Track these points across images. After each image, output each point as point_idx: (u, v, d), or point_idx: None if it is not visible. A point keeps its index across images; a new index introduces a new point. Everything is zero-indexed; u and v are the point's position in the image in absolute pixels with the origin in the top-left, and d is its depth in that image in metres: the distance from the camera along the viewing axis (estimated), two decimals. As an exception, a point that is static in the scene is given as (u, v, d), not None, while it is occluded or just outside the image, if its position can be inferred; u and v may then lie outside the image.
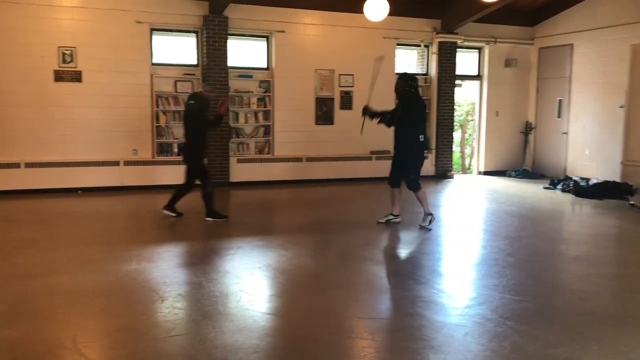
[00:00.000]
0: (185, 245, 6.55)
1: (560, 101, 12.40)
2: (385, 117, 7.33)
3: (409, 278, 5.28)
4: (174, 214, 7.75)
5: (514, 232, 7.25)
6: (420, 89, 7.42)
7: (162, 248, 6.29)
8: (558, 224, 8.41)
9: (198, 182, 7.71)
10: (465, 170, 15.16)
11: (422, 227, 7.24)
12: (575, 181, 10.45)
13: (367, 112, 7.45)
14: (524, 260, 5.95)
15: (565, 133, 12.27)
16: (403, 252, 6.39)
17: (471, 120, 15.58)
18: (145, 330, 3.92)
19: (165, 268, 5.44)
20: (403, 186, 7.43)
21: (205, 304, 4.44)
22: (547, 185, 11.06)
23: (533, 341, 3.84)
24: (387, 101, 9.62)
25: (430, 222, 7.28)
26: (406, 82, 7.25)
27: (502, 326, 4.07)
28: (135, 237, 6.91)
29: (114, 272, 5.24)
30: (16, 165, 9.47)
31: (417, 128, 7.17)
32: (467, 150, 15.49)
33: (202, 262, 5.71)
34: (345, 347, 3.80)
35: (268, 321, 4.18)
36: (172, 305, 4.40)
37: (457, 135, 13.57)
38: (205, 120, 7.65)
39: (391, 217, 7.57)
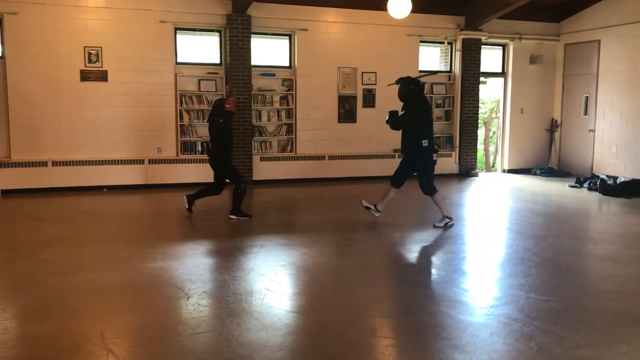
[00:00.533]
0: (209, 243, 6.59)
1: (586, 98, 12.21)
2: (391, 118, 7.32)
3: (433, 277, 5.26)
4: (187, 207, 7.85)
5: (540, 231, 7.17)
6: (424, 91, 7.27)
7: (187, 246, 6.35)
8: (584, 222, 8.30)
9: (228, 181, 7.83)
10: (489, 168, 15.01)
11: (435, 227, 7.16)
12: (602, 179, 10.28)
13: (401, 82, 7.30)
14: (550, 260, 5.87)
15: (591, 130, 12.07)
16: (427, 251, 6.34)
17: (495, 118, 15.41)
18: (171, 327, 3.97)
19: (190, 265, 5.48)
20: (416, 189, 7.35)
21: (230, 301, 4.47)
22: (573, 184, 10.90)
23: (560, 342, 3.79)
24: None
25: (446, 225, 7.17)
26: (407, 86, 7.16)
27: (529, 326, 4.02)
28: (160, 235, 6.98)
29: (139, 269, 5.30)
30: (43, 164, 9.62)
31: (419, 132, 7.11)
32: (491, 148, 15.33)
33: (226, 260, 5.76)
34: (369, 345, 3.79)
35: (292, 319, 4.19)
36: (197, 302, 4.44)
37: (480, 132, 13.42)
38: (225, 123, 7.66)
39: (372, 208, 7.53)
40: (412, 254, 6.30)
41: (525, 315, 4.22)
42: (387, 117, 7.34)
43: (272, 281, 4.99)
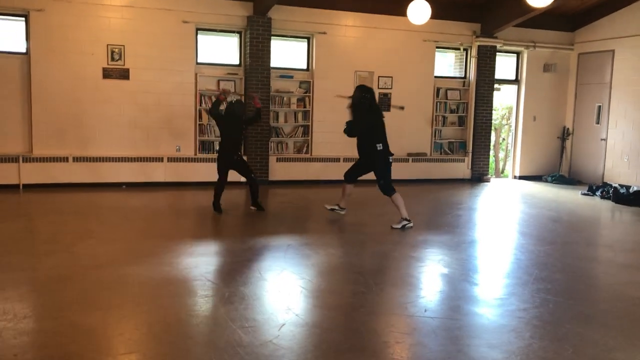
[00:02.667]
0: (235, 241, 6.64)
1: (599, 107, 12.35)
2: (348, 127, 7.52)
3: (463, 280, 5.37)
4: (218, 212, 8.09)
5: (559, 237, 7.30)
6: (375, 100, 7.68)
7: (215, 243, 6.48)
8: (601, 230, 8.42)
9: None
10: (498, 173, 15.12)
11: (393, 228, 7.35)
12: (615, 188, 10.41)
13: (355, 90, 7.70)
14: (573, 266, 5.99)
15: (603, 139, 12.21)
16: (452, 254, 6.40)
17: (506, 125, 15.53)
18: (218, 321, 4.07)
19: (223, 263, 5.62)
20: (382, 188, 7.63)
21: (271, 299, 4.59)
22: (586, 192, 11.03)
23: (593, 345, 3.91)
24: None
25: (404, 227, 7.35)
26: (361, 94, 7.47)
27: (562, 329, 4.14)
28: (187, 232, 7.11)
29: (175, 264, 5.42)
30: (65, 159, 9.74)
31: (373, 137, 7.39)
32: (501, 154, 15.47)
33: (257, 259, 5.86)
34: (408, 344, 3.91)
35: (334, 318, 4.28)
36: (238, 298, 4.55)
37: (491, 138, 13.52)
38: (245, 121, 8.26)
39: (337, 208, 7.98)
40: (436, 256, 6.37)
41: (557, 319, 4.34)
42: (345, 127, 7.54)
43: (307, 280, 5.11)
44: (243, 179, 10.69)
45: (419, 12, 9.39)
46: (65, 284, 4.75)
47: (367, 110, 7.41)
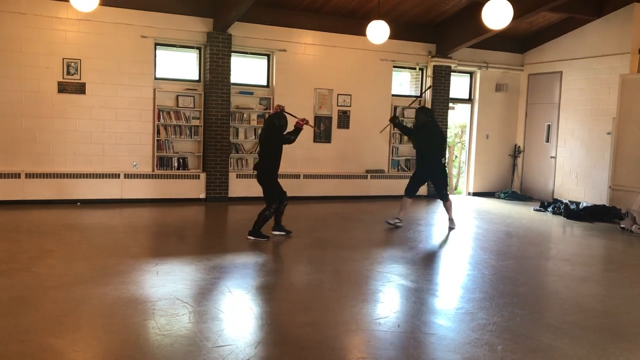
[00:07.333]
0: (200, 258, 6.52)
1: (548, 126, 12.82)
2: (411, 134, 9.08)
3: (431, 295, 5.44)
4: (284, 233, 7.84)
5: (518, 252, 7.50)
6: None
7: (179, 261, 6.33)
8: (557, 245, 8.69)
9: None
10: (452, 190, 15.43)
11: (450, 229, 8.87)
12: (566, 204, 10.78)
13: (396, 120, 9.22)
14: (535, 280, 6.18)
15: (553, 157, 12.66)
16: (418, 270, 6.47)
17: (458, 142, 15.90)
18: (193, 341, 3.98)
19: (189, 281, 5.50)
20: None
21: (243, 317, 4.53)
22: (538, 208, 11.38)
23: (564, 357, 4.02)
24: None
25: (452, 225, 8.94)
26: (426, 115, 8.82)
27: (533, 341, 4.25)
28: (148, 250, 6.96)
29: (140, 283, 5.29)
30: (17, 176, 9.40)
31: (440, 152, 8.83)
32: (454, 172, 15.82)
33: (225, 276, 5.77)
34: (385, 359, 3.92)
35: (308, 333, 4.26)
36: (211, 317, 4.47)
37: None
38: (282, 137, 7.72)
39: (397, 221, 8.82)
40: (402, 271, 6.42)
41: (526, 331, 4.45)
42: (407, 135, 9.30)
43: (278, 297, 5.07)
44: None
45: (378, 32, 9.56)
46: (27, 305, 4.56)
47: (434, 130, 8.67)
